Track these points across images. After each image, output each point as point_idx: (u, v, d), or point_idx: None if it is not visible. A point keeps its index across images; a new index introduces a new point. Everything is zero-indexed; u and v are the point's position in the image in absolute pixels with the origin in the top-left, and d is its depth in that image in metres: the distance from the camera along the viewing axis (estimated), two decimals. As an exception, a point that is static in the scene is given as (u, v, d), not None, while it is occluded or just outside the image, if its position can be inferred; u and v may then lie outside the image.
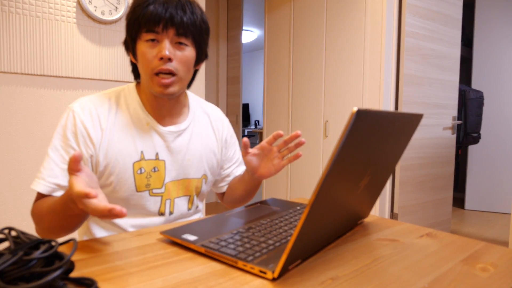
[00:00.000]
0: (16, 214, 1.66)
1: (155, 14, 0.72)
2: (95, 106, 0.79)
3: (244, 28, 5.46)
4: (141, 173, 0.80)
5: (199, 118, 0.92)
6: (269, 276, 0.48)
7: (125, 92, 0.85)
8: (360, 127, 0.44)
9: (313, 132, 2.58)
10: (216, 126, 0.96)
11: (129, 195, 0.79)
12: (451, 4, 2.39)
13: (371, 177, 0.60)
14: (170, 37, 0.74)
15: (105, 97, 0.82)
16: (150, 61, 0.75)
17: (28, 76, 1.65)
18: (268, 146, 0.83)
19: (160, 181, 0.82)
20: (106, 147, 0.77)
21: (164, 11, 0.72)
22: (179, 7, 0.73)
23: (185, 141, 0.87)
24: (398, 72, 2.17)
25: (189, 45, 0.77)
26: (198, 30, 0.77)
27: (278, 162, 0.83)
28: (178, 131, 0.85)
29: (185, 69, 0.78)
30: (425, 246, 0.63)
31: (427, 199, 2.40)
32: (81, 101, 0.80)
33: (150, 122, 0.82)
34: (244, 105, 7.03)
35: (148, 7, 0.72)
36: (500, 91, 3.42)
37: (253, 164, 0.85)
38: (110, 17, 1.83)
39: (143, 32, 0.74)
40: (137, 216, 0.82)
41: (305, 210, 0.45)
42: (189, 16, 0.74)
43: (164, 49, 0.73)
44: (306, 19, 2.61)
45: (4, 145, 1.61)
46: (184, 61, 0.77)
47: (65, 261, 0.41)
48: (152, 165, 0.81)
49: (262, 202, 0.89)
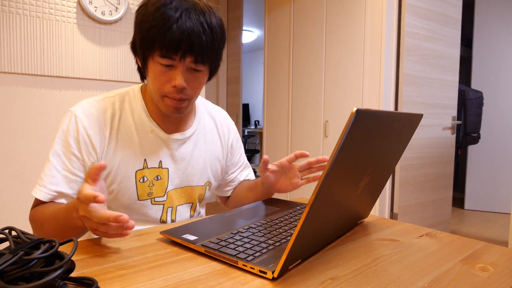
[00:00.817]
0: (16, 214, 1.66)
1: (174, 41, 0.65)
2: (98, 112, 0.76)
3: (244, 28, 5.45)
4: (144, 182, 0.78)
5: (205, 123, 0.90)
6: (269, 276, 0.48)
7: (130, 95, 0.81)
8: (360, 127, 0.44)
9: (313, 132, 2.58)
10: (222, 131, 0.94)
11: (131, 203, 0.78)
12: (451, 4, 2.39)
13: (371, 177, 0.60)
14: (186, 64, 0.70)
15: (109, 101, 0.78)
16: (163, 85, 0.71)
17: (28, 76, 1.65)
18: (288, 164, 0.82)
19: (162, 189, 0.81)
20: (109, 156, 0.76)
21: (185, 39, 0.65)
22: (200, 32, 0.66)
23: (190, 148, 0.85)
24: (398, 72, 2.17)
25: (204, 69, 0.73)
26: (216, 54, 0.73)
27: (296, 182, 0.82)
28: (183, 139, 0.83)
29: (197, 92, 0.76)
30: (424, 246, 0.63)
31: (426, 199, 2.40)
32: (83, 105, 0.76)
33: (155, 129, 0.80)
34: (244, 105, 7.02)
35: (167, 33, 0.65)
36: (499, 91, 3.42)
37: (270, 180, 0.84)
38: (111, 18, 1.83)
39: (157, 55, 0.69)
40: (138, 224, 0.81)
41: (305, 210, 0.45)
42: (209, 41, 0.68)
43: (179, 78, 0.69)
44: (306, 19, 2.61)
45: (4, 145, 1.61)
46: (197, 86, 0.74)
47: (65, 261, 0.41)
48: (155, 173, 0.80)
49: (262, 202, 0.89)
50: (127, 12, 1.92)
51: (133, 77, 1.99)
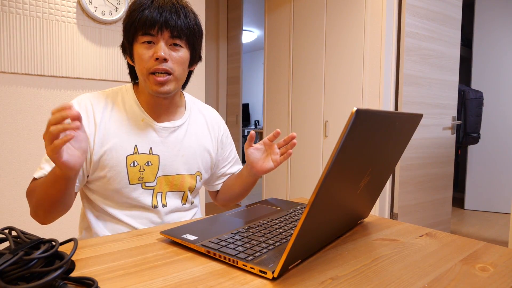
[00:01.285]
0: (16, 214, 1.66)
1: (150, 17, 0.76)
2: (92, 102, 0.83)
3: (244, 28, 5.46)
4: (134, 166, 0.82)
5: (195, 117, 0.95)
6: (269, 276, 0.48)
7: (123, 90, 0.88)
8: (360, 127, 0.44)
9: (313, 132, 2.58)
10: (212, 127, 0.98)
11: (122, 188, 0.82)
12: (451, 4, 2.39)
13: (371, 177, 0.60)
14: (165, 39, 0.78)
15: (102, 95, 0.86)
16: (146, 61, 0.78)
17: (28, 76, 1.65)
18: (269, 142, 0.88)
19: (153, 174, 0.85)
20: (100, 141, 0.80)
21: (159, 15, 0.76)
22: (173, 11, 0.78)
23: (180, 137, 0.89)
24: (398, 72, 2.17)
25: (183, 46, 0.81)
26: (192, 33, 0.82)
27: (276, 158, 0.88)
28: (173, 127, 0.88)
29: (180, 69, 0.82)
30: (424, 246, 0.63)
31: (426, 199, 2.40)
32: (79, 97, 0.84)
33: (145, 118, 0.85)
34: (244, 105, 7.03)
35: (144, 12, 0.77)
36: (499, 91, 3.42)
37: (254, 156, 0.89)
38: (110, 18, 1.83)
39: (139, 35, 0.78)
40: (132, 209, 0.84)
41: (305, 210, 0.45)
42: (182, 19, 0.79)
43: (159, 50, 0.77)
44: (306, 19, 2.61)
45: (4, 145, 1.61)
46: (179, 61, 0.81)
47: (65, 261, 0.41)
48: (146, 159, 0.83)
49: (262, 202, 0.89)
50: (127, 12, 1.91)
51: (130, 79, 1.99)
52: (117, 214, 0.83)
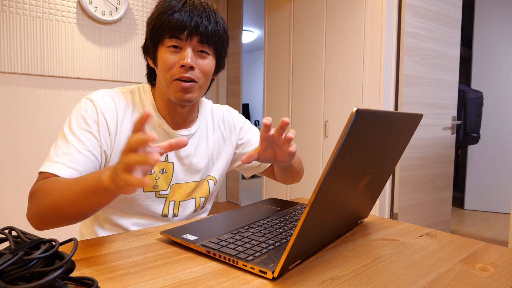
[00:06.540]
0: (16, 214, 1.66)
1: (181, 21, 0.72)
2: (114, 101, 0.78)
3: (244, 28, 5.45)
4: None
5: (209, 121, 0.92)
6: (269, 276, 0.48)
7: (140, 91, 0.84)
8: (360, 127, 0.44)
9: (313, 132, 2.58)
10: (229, 129, 0.95)
11: (136, 194, 0.79)
12: (451, 4, 2.39)
13: (371, 177, 0.60)
14: (193, 45, 0.75)
15: (122, 93, 0.81)
16: (172, 67, 0.74)
17: (28, 76, 1.65)
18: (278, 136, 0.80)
19: (166, 182, 0.83)
20: (119, 144, 0.77)
21: (190, 19, 0.72)
22: (204, 15, 0.74)
23: (194, 144, 0.87)
24: (398, 72, 2.17)
25: (211, 54, 0.78)
26: (220, 40, 0.78)
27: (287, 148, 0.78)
28: (189, 135, 0.85)
29: (205, 78, 0.78)
30: (424, 246, 0.63)
31: (426, 199, 2.40)
32: (100, 93, 0.78)
33: (162, 124, 0.82)
34: (244, 105, 7.02)
35: (174, 14, 0.73)
36: (499, 91, 3.42)
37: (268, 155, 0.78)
38: (111, 18, 1.83)
39: (166, 38, 0.74)
40: (139, 217, 0.82)
41: (305, 210, 0.45)
42: (213, 25, 0.75)
43: (186, 57, 0.73)
44: (306, 19, 2.61)
45: (4, 145, 1.61)
46: (205, 70, 0.77)
47: (65, 261, 0.41)
48: (161, 166, 0.81)
49: (262, 202, 0.89)
50: (127, 12, 1.92)
51: (133, 77, 1.99)
52: (122, 222, 0.81)
